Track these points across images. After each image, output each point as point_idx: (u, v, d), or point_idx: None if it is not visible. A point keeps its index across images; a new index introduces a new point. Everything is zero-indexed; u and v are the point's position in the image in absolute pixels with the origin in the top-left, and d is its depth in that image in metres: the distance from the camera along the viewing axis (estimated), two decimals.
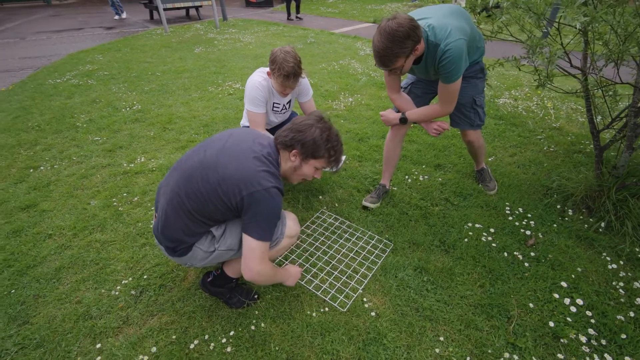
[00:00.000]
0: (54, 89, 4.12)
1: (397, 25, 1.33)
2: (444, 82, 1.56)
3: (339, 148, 1.31)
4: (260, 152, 1.23)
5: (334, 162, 1.34)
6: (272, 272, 1.29)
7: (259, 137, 1.31)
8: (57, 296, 1.58)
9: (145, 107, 3.55)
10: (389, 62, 1.43)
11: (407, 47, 1.38)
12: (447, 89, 1.58)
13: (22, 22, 9.33)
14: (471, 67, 1.72)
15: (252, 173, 1.17)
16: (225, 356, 1.32)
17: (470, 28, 1.53)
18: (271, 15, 10.22)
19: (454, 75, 1.50)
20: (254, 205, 1.16)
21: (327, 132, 1.27)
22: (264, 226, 1.18)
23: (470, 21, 1.57)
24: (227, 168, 1.17)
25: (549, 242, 1.82)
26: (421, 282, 1.61)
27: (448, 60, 1.45)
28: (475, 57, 1.69)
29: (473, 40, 1.58)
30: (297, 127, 1.26)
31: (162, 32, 7.48)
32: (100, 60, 5.38)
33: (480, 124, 1.90)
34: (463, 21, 1.51)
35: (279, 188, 1.21)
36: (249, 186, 1.15)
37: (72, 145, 2.86)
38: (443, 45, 1.43)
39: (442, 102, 1.66)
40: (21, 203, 2.17)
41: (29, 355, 1.34)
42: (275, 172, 1.23)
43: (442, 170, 2.44)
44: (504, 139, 2.83)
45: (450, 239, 1.83)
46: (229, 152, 1.22)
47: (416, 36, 1.37)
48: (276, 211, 1.20)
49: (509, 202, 2.09)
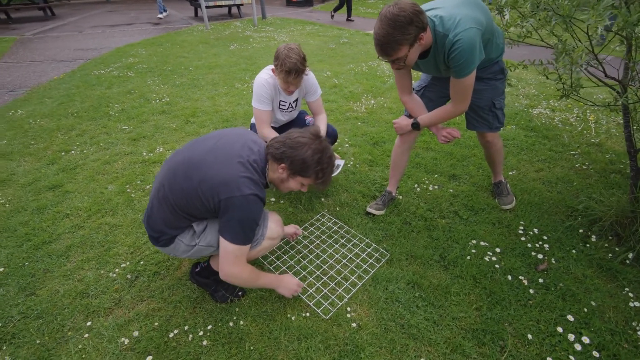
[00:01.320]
0: (97, 79, 4.44)
1: (399, 10, 1.24)
2: (455, 76, 1.44)
3: (328, 171, 1.28)
4: (246, 158, 1.22)
5: (321, 184, 1.31)
6: (249, 277, 1.29)
7: (250, 142, 1.30)
8: (63, 272, 1.70)
9: (173, 100, 3.72)
10: (391, 50, 1.33)
11: (410, 34, 1.28)
12: (460, 84, 1.46)
13: (82, 17, 10.18)
14: (490, 67, 1.60)
15: (233, 178, 1.17)
16: (201, 349, 1.34)
17: (486, 19, 1.40)
18: (310, 14, 10.29)
19: (466, 69, 1.38)
20: (230, 209, 1.16)
21: (319, 155, 1.24)
22: (238, 231, 1.19)
23: (487, 13, 1.44)
24: (210, 169, 1.18)
25: (564, 269, 1.65)
26: (412, 298, 1.53)
27: (458, 51, 1.33)
28: (494, 55, 1.57)
29: (490, 33, 1.45)
30: (291, 143, 1.23)
31: (203, 29, 7.80)
32: (142, 53, 5.71)
33: (499, 126, 1.77)
34: (477, 11, 1.39)
35: (258, 196, 1.20)
36: (228, 190, 1.15)
37: (103, 132, 3.06)
38: (452, 36, 1.32)
39: (454, 100, 1.55)
40: (49, 183, 2.36)
41: (28, 324, 1.45)
42: (258, 180, 1.22)
43: (456, 181, 2.31)
44: (532, 153, 2.62)
45: (452, 255, 1.73)
46: (216, 153, 1.22)
47: (420, 22, 1.27)
48: (252, 218, 1.20)
49: (524, 221, 1.93)
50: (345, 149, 2.72)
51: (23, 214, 2.09)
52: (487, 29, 1.41)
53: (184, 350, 1.34)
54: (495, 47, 1.54)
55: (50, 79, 4.63)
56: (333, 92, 3.87)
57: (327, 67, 4.80)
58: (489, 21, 1.43)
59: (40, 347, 1.36)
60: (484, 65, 1.58)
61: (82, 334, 1.40)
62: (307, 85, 2.03)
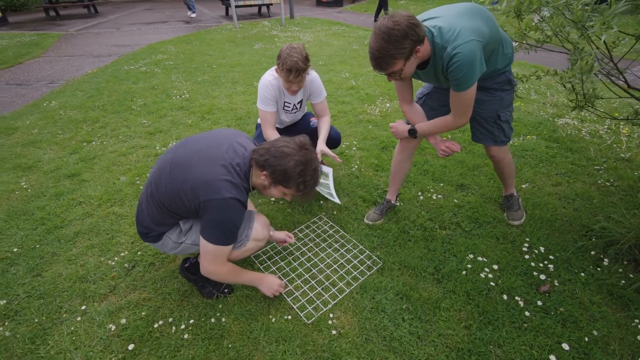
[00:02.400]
0: (126, 74, 4.67)
1: (393, 24, 1.20)
2: (454, 90, 1.39)
3: (310, 183, 1.26)
4: (229, 161, 1.23)
5: (303, 196, 1.30)
6: (228, 275, 1.32)
7: (236, 145, 1.30)
8: (68, 257, 1.80)
9: (192, 97, 3.84)
10: (385, 65, 1.30)
11: (405, 48, 1.24)
12: (459, 97, 1.40)
13: (122, 14, 10.74)
14: (496, 77, 1.52)
15: (214, 180, 1.18)
16: (182, 342, 1.37)
17: (489, 29, 1.33)
18: (338, 14, 10.26)
19: (465, 83, 1.32)
20: (209, 212, 1.18)
21: (301, 167, 1.22)
22: (217, 233, 1.21)
23: (491, 22, 1.37)
24: (193, 170, 1.20)
25: (569, 292, 1.53)
26: (399, 310, 1.48)
27: (457, 65, 1.27)
28: (501, 65, 1.48)
29: (495, 43, 1.38)
30: (274, 152, 1.22)
31: (231, 28, 7.99)
32: (171, 51, 5.94)
33: (505, 140, 1.68)
34: (479, 21, 1.31)
35: (239, 199, 1.21)
36: (208, 192, 1.17)
37: (124, 125, 3.22)
38: (450, 49, 1.26)
39: (454, 113, 1.48)
40: (68, 171, 2.51)
41: (31, 303, 1.55)
42: (239, 183, 1.23)
43: (463, 192, 2.21)
44: (552, 165, 2.46)
45: (447, 268, 1.66)
46: (201, 154, 1.24)
47: (415, 35, 1.23)
48: (231, 221, 1.21)
49: (530, 238, 1.81)
50: (352, 152, 2.69)
51: (42, 199, 2.23)
52: (491, 40, 1.34)
53: (165, 341, 1.37)
54: (502, 57, 1.46)
55: (85, 72, 4.92)
56: (349, 94, 3.84)
57: (347, 68, 4.76)
58: (493, 31, 1.36)
59: (37, 325, 1.45)
60: (490, 75, 1.50)
61: (76, 317, 1.48)
62: (312, 86, 2.02)
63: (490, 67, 1.46)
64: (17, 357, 1.33)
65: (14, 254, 1.82)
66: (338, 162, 2.22)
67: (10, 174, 2.50)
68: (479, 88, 1.53)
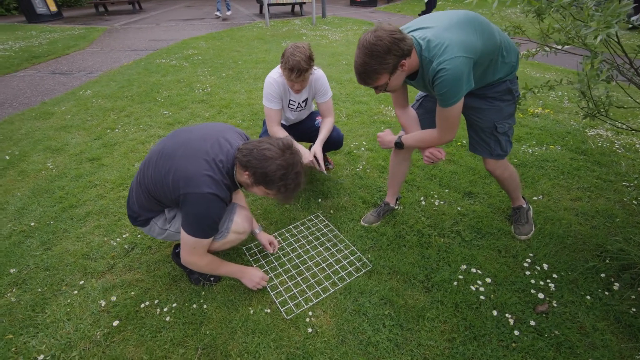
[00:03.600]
0: (157, 67, 4.90)
1: (375, 39, 1.19)
2: (439, 105, 1.34)
3: (291, 187, 1.26)
4: (212, 156, 1.25)
5: (283, 199, 1.30)
6: (207, 266, 1.36)
7: (223, 140, 1.31)
8: (77, 235, 1.92)
9: (214, 91, 3.96)
10: (369, 80, 1.29)
11: (389, 63, 1.22)
12: (443, 113, 1.35)
13: (163, 11, 11.29)
14: (495, 86, 1.43)
15: (195, 174, 1.21)
16: (163, 324, 1.42)
17: (483, 42, 1.26)
18: (371, 14, 10.16)
19: (450, 99, 1.27)
20: (188, 205, 1.22)
21: (282, 171, 1.21)
22: (196, 226, 1.24)
23: (487, 33, 1.29)
24: (177, 162, 1.24)
25: (569, 315, 1.42)
26: (380, 315, 1.44)
27: (440, 81, 1.23)
28: (501, 74, 1.40)
29: (490, 54, 1.31)
30: (257, 154, 1.22)
31: (263, 25, 8.15)
32: (202, 46, 6.16)
33: (501, 154, 1.58)
34: (472, 34, 1.25)
35: (218, 195, 1.22)
36: (187, 186, 1.20)
37: (146, 115, 3.38)
38: (436, 64, 1.22)
39: (439, 128, 1.44)
40: (90, 155, 2.68)
41: (37, 275, 1.67)
42: (220, 179, 1.24)
43: (470, 200, 2.11)
44: (574, 179, 2.29)
45: (438, 277, 1.59)
46: (186, 147, 1.28)
47: (399, 50, 1.20)
48: (210, 215, 1.24)
49: (534, 253, 1.70)
50: (360, 153, 2.65)
51: (63, 180, 2.40)
52: (485, 53, 1.28)
53: (149, 322, 1.43)
54: (502, 66, 1.38)
55: (121, 65, 5.23)
56: (367, 94, 3.78)
57: None
58: (489, 43, 1.28)
59: (40, 295, 1.56)
60: (489, 83, 1.42)
61: (73, 291, 1.58)
62: (317, 86, 2.02)
63: (489, 77, 1.39)
64: (17, 322, 1.44)
65: (31, 227, 1.97)
66: (324, 174, 2.14)
67: (41, 155, 2.71)
68: (478, 95, 1.46)
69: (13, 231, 1.94)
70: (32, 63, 5.46)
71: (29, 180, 2.41)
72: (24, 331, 1.41)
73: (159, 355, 1.31)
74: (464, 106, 1.55)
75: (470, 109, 1.52)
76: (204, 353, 1.31)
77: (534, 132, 2.90)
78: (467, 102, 1.50)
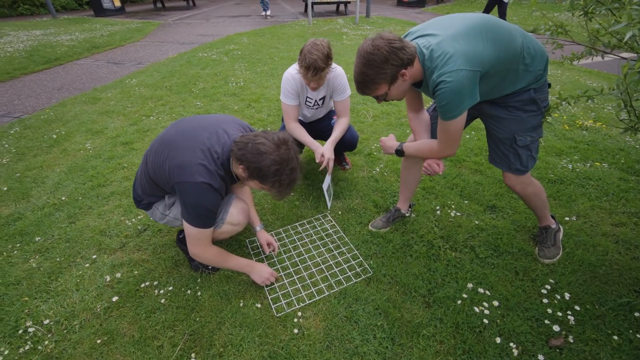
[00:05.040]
0: (198, 60, 5.13)
1: (373, 48, 1.13)
2: (439, 117, 1.25)
3: (286, 182, 1.23)
4: (209, 146, 1.26)
5: (277, 195, 1.27)
6: (214, 258, 1.38)
7: (221, 131, 1.31)
8: (99, 212, 2.05)
9: (246, 85, 4.05)
10: (367, 89, 1.23)
11: (386, 73, 1.16)
12: (443, 126, 1.26)
13: (214, 7, 11.82)
14: (517, 95, 1.29)
15: (189, 163, 1.22)
16: (158, 305, 1.46)
17: (495, 52, 1.14)
18: (417, 15, 9.86)
19: (449, 112, 1.18)
20: (182, 194, 1.23)
21: (277, 166, 1.19)
22: (193, 215, 1.26)
23: (503, 41, 1.16)
24: (174, 150, 1.26)
25: (589, 355, 1.25)
26: (372, 325, 1.37)
27: (440, 93, 1.14)
28: (522, 84, 1.25)
29: (507, 64, 1.18)
30: (251, 148, 1.20)
31: (305, 24, 8.23)
32: (244, 42, 6.34)
33: (521, 169, 1.42)
34: (482, 43, 1.13)
35: (211, 185, 1.23)
36: (182, 175, 1.22)
37: (180, 105, 3.54)
38: (436, 76, 1.13)
39: (439, 141, 1.34)
40: (124, 139, 2.86)
41: (59, 244, 1.80)
42: (214, 170, 1.24)
43: (493, 214, 1.95)
44: (620, 201, 2.02)
45: (441, 293, 1.48)
46: (185, 136, 1.30)
47: (397, 60, 1.13)
48: (204, 205, 1.25)
49: (557, 280, 1.52)
50: (380, 155, 2.56)
51: (97, 160, 2.58)
52: (498, 63, 1.16)
53: (146, 302, 1.48)
54: (523, 75, 1.24)
55: (167, 57, 5.54)
56: None
57: None
58: (503, 53, 1.16)
59: (57, 264, 1.68)
60: (511, 92, 1.28)
61: (85, 264, 1.68)
62: (335, 83, 1.97)
63: (507, 87, 1.27)
64: (34, 286, 1.57)
65: (62, 202, 2.13)
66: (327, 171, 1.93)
67: (83, 136, 2.94)
68: (498, 103, 1.33)
69: (47, 203, 2.12)
70: (91, 52, 5.97)
71: (68, 158, 2.62)
72: (38, 296, 1.52)
73: (148, 335, 1.35)
74: (482, 113, 1.43)
75: (489, 116, 1.39)
76: (190, 339, 1.33)
77: (579, 146, 2.61)
78: (486, 109, 1.38)
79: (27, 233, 1.88)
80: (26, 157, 2.66)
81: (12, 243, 1.82)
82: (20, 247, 1.79)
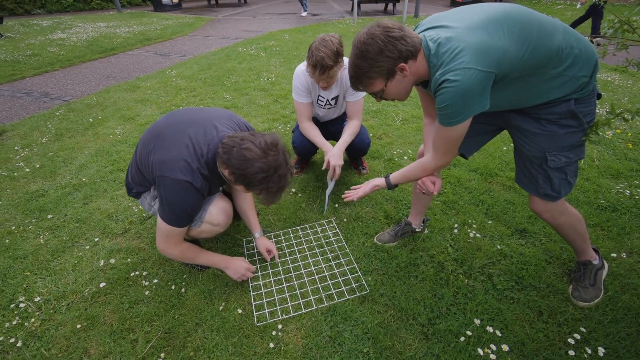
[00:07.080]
0: (236, 55, 5.21)
1: (367, 38, 0.98)
2: (438, 121, 1.06)
3: (273, 190, 1.14)
4: (194, 144, 1.19)
5: (266, 202, 1.19)
6: (181, 255, 1.33)
7: (210, 127, 1.24)
8: (112, 196, 2.10)
9: (277, 81, 4.02)
10: (360, 84, 1.08)
11: (382, 66, 1.00)
12: (442, 132, 1.07)
13: (263, 5, 12.08)
14: (552, 105, 1.05)
15: (172, 159, 1.17)
16: (142, 297, 1.44)
17: (520, 49, 0.93)
18: None
19: (451, 118, 0.99)
20: (161, 188, 1.18)
21: (263, 174, 1.10)
22: (169, 212, 1.21)
23: (535, 34, 0.94)
24: (160, 143, 1.22)
25: None
26: (358, 351, 1.22)
27: (441, 93, 0.96)
28: (559, 93, 1.02)
29: (534, 66, 0.96)
30: (237, 154, 1.11)
31: (350, 22, 8.09)
32: (285, 38, 6.36)
33: (551, 194, 1.17)
34: (503, 38, 0.92)
35: (192, 184, 1.17)
36: (163, 169, 1.17)
37: (210, 97, 3.59)
38: (439, 74, 0.95)
39: (433, 148, 1.17)
40: None
41: (69, 224, 1.87)
42: (197, 168, 1.18)
43: (521, 239, 1.69)
44: None
45: (443, 325, 1.29)
46: (174, 128, 1.24)
47: (395, 51, 0.97)
48: (181, 204, 1.19)
49: (591, 328, 1.26)
50: (402, 161, 2.37)
51: (122, 145, 2.67)
52: (521, 63, 0.95)
53: (132, 291, 1.46)
54: (561, 82, 0.99)
55: (209, 50, 5.71)
56: None
57: None
58: (536, 51, 0.94)
59: (64, 242, 1.74)
60: (544, 102, 1.05)
61: (86, 246, 1.71)
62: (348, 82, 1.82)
63: (539, 97, 1.04)
64: (38, 262, 1.62)
65: (82, 182, 2.22)
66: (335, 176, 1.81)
67: (115, 122, 3.08)
68: (529, 114, 1.10)
69: (69, 183, 2.22)
70: (143, 44, 6.34)
71: (98, 141, 2.75)
72: (38, 272, 1.57)
73: (126, 326, 1.32)
74: (509, 125, 1.20)
75: (516, 128, 1.16)
76: (163, 337, 1.28)
77: None
78: (513, 119, 1.15)
79: (45, 210, 1.97)
80: (63, 138, 2.83)
81: (29, 218, 1.91)
82: (36, 222, 1.88)
